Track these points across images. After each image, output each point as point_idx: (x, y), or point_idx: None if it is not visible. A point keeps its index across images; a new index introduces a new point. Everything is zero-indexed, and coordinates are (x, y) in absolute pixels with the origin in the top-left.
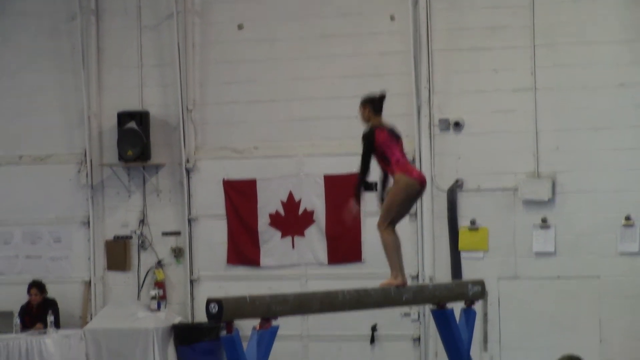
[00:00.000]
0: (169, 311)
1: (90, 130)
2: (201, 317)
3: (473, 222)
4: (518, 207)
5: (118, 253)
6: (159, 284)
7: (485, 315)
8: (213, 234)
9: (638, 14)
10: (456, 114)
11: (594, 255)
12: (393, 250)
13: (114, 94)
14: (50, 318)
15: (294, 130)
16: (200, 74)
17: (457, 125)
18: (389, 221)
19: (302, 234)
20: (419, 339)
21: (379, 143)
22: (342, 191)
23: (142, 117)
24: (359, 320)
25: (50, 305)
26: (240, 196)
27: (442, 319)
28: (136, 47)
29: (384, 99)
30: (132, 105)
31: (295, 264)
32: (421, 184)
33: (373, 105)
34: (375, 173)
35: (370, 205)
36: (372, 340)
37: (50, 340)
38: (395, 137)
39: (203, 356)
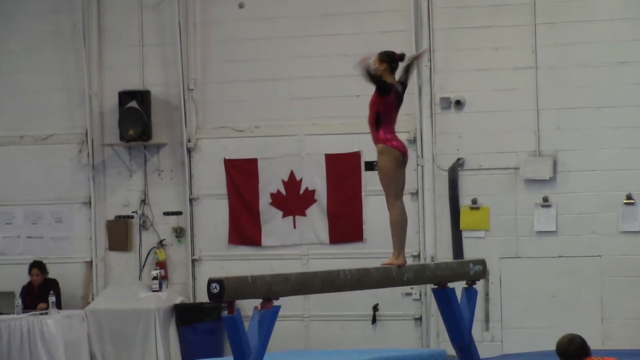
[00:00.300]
0: (170, 291)
1: (92, 109)
2: (202, 297)
3: (474, 202)
4: (519, 186)
5: (119, 233)
6: (161, 264)
7: (486, 294)
8: (214, 213)
9: None
10: (457, 92)
11: (595, 234)
12: (398, 227)
13: (115, 73)
14: (51, 298)
15: (295, 109)
16: (202, 53)
17: (458, 103)
18: (393, 195)
19: (303, 213)
20: (420, 318)
21: (385, 101)
22: (344, 170)
23: (143, 97)
24: (361, 300)
25: (51, 285)
26: (241, 175)
27: (444, 298)
28: (137, 26)
29: (402, 60)
30: (133, 84)
31: (297, 243)
32: (402, 152)
33: (390, 63)
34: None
35: (371, 185)
36: (374, 320)
37: (52, 320)
38: (398, 103)
39: (204, 336)
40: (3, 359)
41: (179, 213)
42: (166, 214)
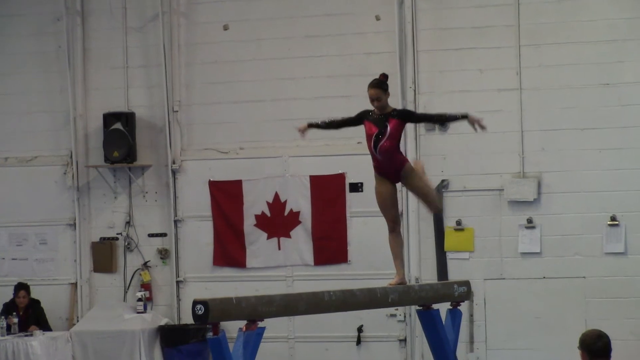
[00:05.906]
0: (155, 313)
1: (76, 131)
2: (187, 318)
3: (459, 223)
4: (504, 207)
5: (104, 255)
6: (145, 286)
7: (471, 315)
8: (199, 235)
9: (622, 14)
10: None
11: (580, 256)
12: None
13: (99, 95)
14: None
15: (279, 131)
16: (186, 74)
17: (443, 125)
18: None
19: (288, 235)
20: (405, 340)
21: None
22: (328, 192)
23: (127, 118)
24: (345, 321)
25: (37, 306)
26: (226, 197)
27: (428, 319)
28: (122, 48)
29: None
30: (118, 106)
31: (281, 265)
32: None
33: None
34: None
35: (355, 206)
36: (358, 341)
37: (37, 342)
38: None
39: (189, 358)
40: None
41: (163, 235)
42: (151, 235)
